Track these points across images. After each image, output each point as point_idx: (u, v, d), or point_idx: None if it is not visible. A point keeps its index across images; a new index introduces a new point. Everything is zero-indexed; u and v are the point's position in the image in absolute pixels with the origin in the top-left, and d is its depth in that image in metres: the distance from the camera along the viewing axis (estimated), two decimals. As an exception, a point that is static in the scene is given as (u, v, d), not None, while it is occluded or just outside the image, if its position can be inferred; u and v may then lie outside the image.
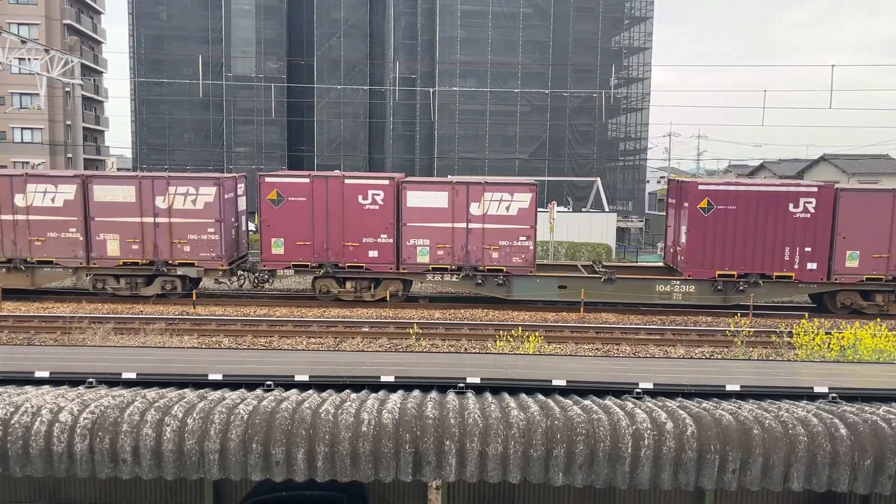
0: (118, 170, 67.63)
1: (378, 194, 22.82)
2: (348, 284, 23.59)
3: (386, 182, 23.04)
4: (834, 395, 6.13)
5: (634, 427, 5.36)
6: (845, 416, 5.54)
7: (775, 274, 22.45)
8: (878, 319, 20.74)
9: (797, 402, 5.95)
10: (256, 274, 24.52)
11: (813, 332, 16.56)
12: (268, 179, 23.10)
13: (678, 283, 23.05)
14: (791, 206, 22.06)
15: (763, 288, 22.75)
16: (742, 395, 6.24)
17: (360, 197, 22.86)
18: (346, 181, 22.88)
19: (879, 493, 5.43)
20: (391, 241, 23.02)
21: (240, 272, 24.73)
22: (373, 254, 23.04)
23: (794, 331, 17.68)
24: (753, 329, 20.08)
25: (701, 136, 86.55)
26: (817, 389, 6.25)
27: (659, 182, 63.89)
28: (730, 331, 19.31)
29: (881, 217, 22.12)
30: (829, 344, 15.91)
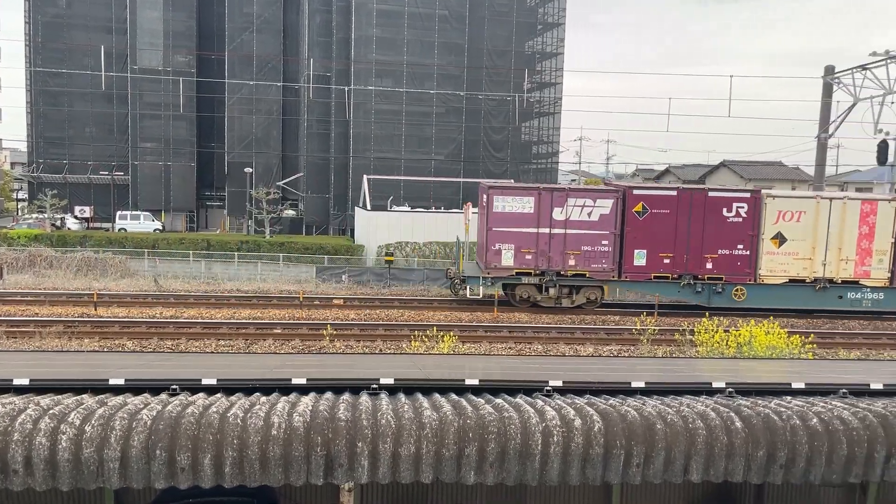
0: (11, 165, 63.90)
1: None
2: None
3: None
4: (731, 389, 6.40)
5: (544, 424, 5.46)
6: (740, 409, 5.82)
7: None
8: (771, 318, 21.92)
9: (697, 397, 6.20)
10: None
11: (713, 330, 17.35)
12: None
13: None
14: None
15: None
16: (647, 392, 6.44)
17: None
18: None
19: (772, 483, 5.74)
20: None
21: None
22: None
23: (695, 329, 18.48)
24: (658, 327, 20.85)
25: (610, 140, 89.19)
26: (716, 385, 6.52)
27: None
28: (636, 329, 19.99)
29: None
30: (728, 341, 16.71)
